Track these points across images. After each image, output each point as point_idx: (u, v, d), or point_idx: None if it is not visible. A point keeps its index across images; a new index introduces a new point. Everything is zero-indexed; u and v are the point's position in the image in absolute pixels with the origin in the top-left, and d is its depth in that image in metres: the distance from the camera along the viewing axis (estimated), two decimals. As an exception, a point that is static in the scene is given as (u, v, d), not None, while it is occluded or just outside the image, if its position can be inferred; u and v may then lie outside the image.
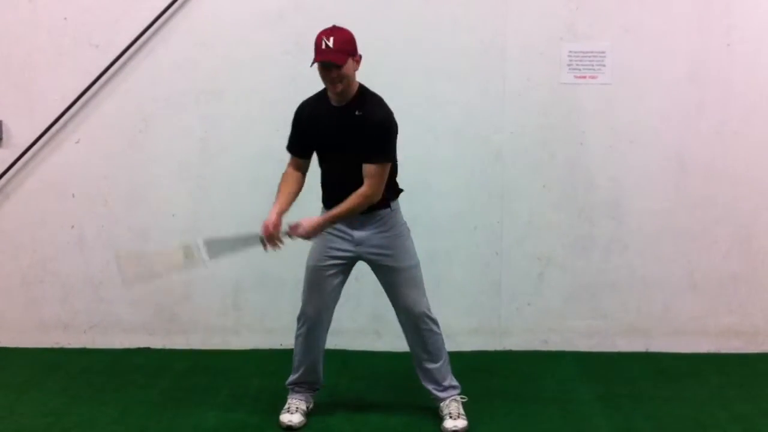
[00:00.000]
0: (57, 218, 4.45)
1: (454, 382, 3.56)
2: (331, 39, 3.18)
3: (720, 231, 4.39)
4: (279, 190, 3.44)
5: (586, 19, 4.29)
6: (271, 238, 3.28)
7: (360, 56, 3.28)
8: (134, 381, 4.02)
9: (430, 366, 3.50)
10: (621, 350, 4.44)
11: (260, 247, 3.34)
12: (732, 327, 4.43)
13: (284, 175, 3.48)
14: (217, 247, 3.39)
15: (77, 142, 4.41)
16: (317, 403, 3.64)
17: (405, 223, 3.48)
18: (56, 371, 4.17)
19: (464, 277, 4.44)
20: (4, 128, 4.40)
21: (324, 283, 3.43)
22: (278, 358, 4.13)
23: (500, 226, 4.42)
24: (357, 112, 3.26)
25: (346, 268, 3.47)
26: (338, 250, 3.40)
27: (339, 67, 3.16)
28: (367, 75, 3.42)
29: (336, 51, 3.17)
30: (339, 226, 3.37)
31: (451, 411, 3.45)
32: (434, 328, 3.47)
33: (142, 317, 4.51)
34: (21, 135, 4.38)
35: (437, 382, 3.51)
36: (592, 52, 4.31)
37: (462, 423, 3.41)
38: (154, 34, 4.32)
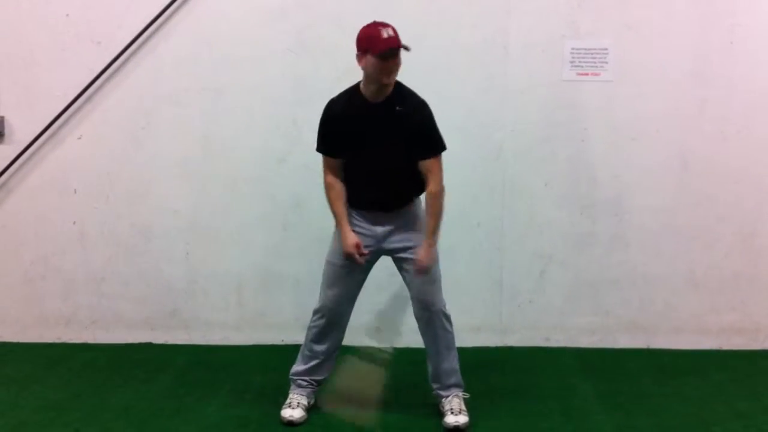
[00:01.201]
0: (59, 214, 4.46)
1: (459, 380, 3.56)
2: (390, 29, 3.20)
3: (722, 228, 4.39)
4: (335, 209, 3.40)
5: (588, 16, 4.29)
6: (361, 255, 3.34)
7: None
8: (136, 376, 4.02)
9: (439, 362, 3.50)
10: (622, 347, 4.44)
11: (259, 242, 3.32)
12: (733, 324, 4.43)
13: (329, 189, 3.42)
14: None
15: (79, 139, 4.41)
16: (318, 399, 3.64)
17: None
18: (58, 366, 4.17)
19: (466, 273, 4.44)
20: (6, 124, 4.40)
21: (346, 279, 3.45)
22: (280, 354, 4.13)
23: (502, 223, 4.41)
24: (397, 108, 3.27)
25: (368, 263, 3.46)
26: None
27: (398, 54, 3.19)
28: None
29: (397, 40, 3.19)
30: (361, 222, 3.40)
31: (453, 407, 3.46)
32: (448, 326, 3.49)
33: (143, 313, 4.52)
34: (23, 131, 4.38)
35: (443, 379, 3.52)
36: (594, 49, 4.30)
37: (463, 419, 3.41)
38: (156, 31, 4.32)
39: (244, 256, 4.48)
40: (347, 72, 3.57)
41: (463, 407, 3.47)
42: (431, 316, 3.45)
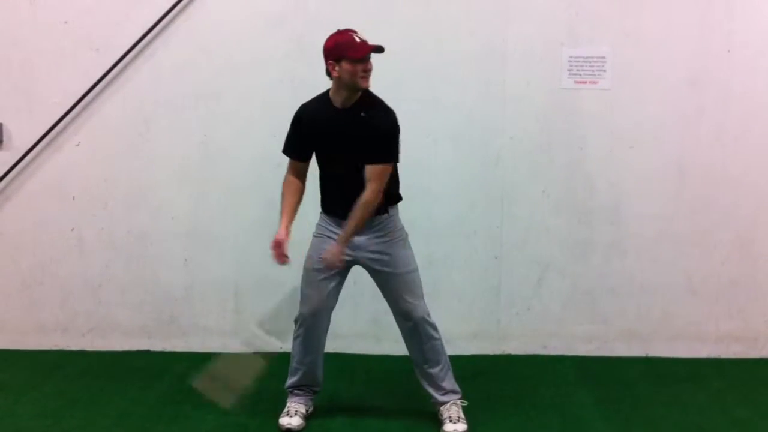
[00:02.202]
0: (57, 221, 4.46)
1: (455, 387, 3.55)
2: (357, 34, 3.27)
3: (719, 236, 4.40)
4: (283, 202, 3.48)
5: (586, 24, 4.30)
6: (279, 253, 3.39)
7: None
8: (133, 383, 4.01)
9: (430, 370, 3.49)
10: (620, 355, 4.44)
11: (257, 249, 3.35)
12: (731, 332, 4.44)
13: (285, 184, 3.50)
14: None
15: (77, 145, 4.41)
16: (316, 407, 3.64)
17: (403, 228, 3.48)
18: (55, 373, 4.16)
19: (464, 281, 4.44)
20: (4, 131, 4.40)
21: (320, 285, 3.44)
22: (277, 361, 4.11)
23: (500, 230, 4.42)
24: (362, 114, 3.28)
25: (342, 271, 3.47)
26: None
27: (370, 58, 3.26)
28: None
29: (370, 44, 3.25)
30: (334, 228, 3.40)
31: (451, 415, 3.45)
32: (433, 333, 3.47)
33: (141, 320, 4.51)
34: (21, 137, 4.38)
35: (437, 387, 3.50)
36: (592, 57, 4.31)
37: (462, 426, 3.41)
38: (154, 37, 4.33)
39: (242, 262, 4.47)
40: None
41: (462, 415, 3.47)
42: (414, 326, 3.43)
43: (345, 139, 3.30)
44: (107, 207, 4.45)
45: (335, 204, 3.39)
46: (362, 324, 4.43)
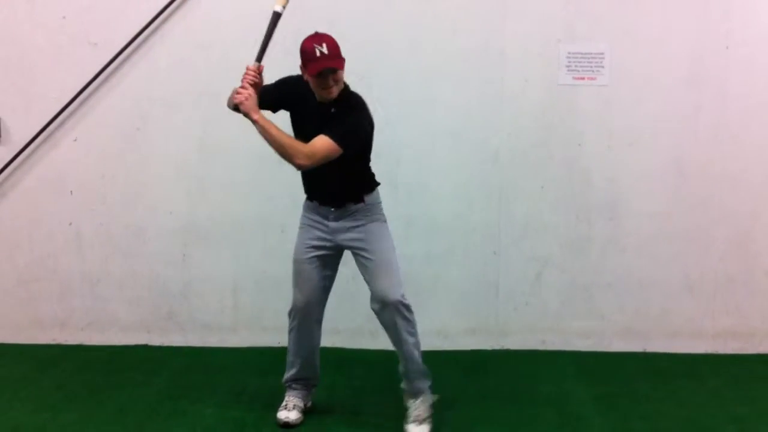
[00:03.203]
0: (54, 216, 4.45)
1: (427, 381, 3.48)
2: (324, 45, 3.14)
3: (717, 233, 4.41)
4: None
5: (584, 20, 4.30)
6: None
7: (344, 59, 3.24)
8: (131, 378, 4.01)
9: (404, 363, 3.43)
10: (618, 351, 4.44)
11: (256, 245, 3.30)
12: (729, 328, 4.44)
13: None
14: None
15: (75, 140, 4.41)
16: (314, 402, 3.64)
17: (382, 212, 3.44)
18: (53, 368, 4.16)
19: (462, 277, 4.45)
20: (2, 126, 4.40)
21: (309, 275, 3.43)
22: (276, 356, 4.12)
23: (498, 226, 4.42)
24: (332, 110, 3.24)
25: (330, 258, 3.46)
26: (316, 239, 3.41)
27: (336, 71, 3.16)
28: (365, 76, 3.43)
29: (334, 56, 3.15)
30: (314, 216, 3.42)
31: (419, 413, 3.41)
32: (408, 315, 3.38)
33: (139, 315, 4.51)
34: (19, 133, 4.38)
35: (409, 379, 3.45)
36: (590, 53, 4.32)
37: (425, 429, 3.38)
38: (152, 33, 4.32)
39: (240, 258, 4.48)
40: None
41: (428, 415, 3.42)
42: (390, 309, 3.35)
43: (317, 132, 3.20)
44: (105, 202, 4.44)
45: (313, 187, 3.42)
46: (360, 319, 4.42)
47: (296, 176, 4.22)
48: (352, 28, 3.33)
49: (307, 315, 3.48)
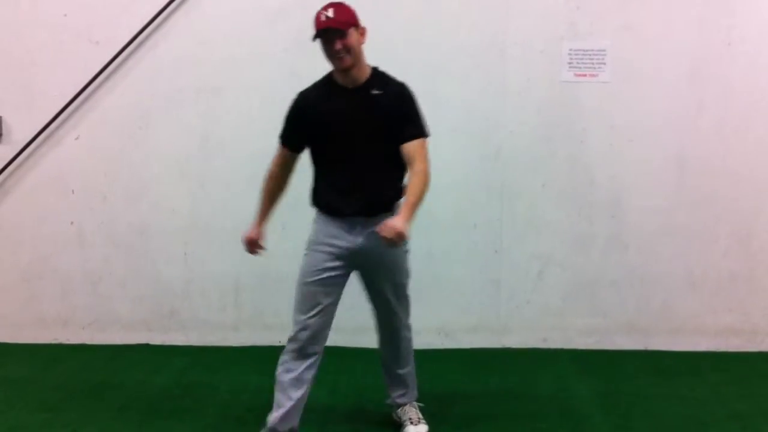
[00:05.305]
0: (56, 214, 4.46)
1: (415, 389, 3.47)
2: (330, 10, 2.98)
3: (719, 230, 4.40)
4: (263, 198, 3.26)
5: (586, 17, 4.29)
6: (252, 249, 3.34)
7: (364, 29, 3.05)
8: (133, 377, 4.02)
9: (401, 371, 3.39)
10: (620, 348, 4.44)
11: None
12: (731, 325, 4.44)
13: (270, 178, 3.24)
14: None
15: (77, 139, 4.41)
16: (315, 401, 3.60)
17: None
18: (55, 367, 4.17)
19: (464, 274, 4.44)
20: (4, 124, 4.40)
21: (322, 298, 3.10)
22: (277, 355, 4.11)
23: (500, 224, 4.42)
24: (374, 91, 3.01)
25: (342, 279, 3.16)
26: (333, 259, 3.09)
27: (342, 34, 2.92)
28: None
29: (338, 21, 2.95)
30: (335, 232, 3.08)
31: (411, 416, 3.40)
32: (408, 335, 3.36)
33: (141, 314, 4.51)
34: (21, 131, 4.38)
35: (404, 387, 3.42)
36: (592, 50, 4.31)
37: (423, 428, 3.37)
38: (154, 30, 4.32)
39: (242, 256, 4.43)
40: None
41: (421, 415, 3.41)
42: (396, 332, 3.30)
43: (358, 120, 3.00)
44: (107, 200, 4.45)
45: (340, 199, 3.04)
46: (362, 318, 4.41)
47: (298, 174, 4.21)
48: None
49: (314, 349, 3.15)
